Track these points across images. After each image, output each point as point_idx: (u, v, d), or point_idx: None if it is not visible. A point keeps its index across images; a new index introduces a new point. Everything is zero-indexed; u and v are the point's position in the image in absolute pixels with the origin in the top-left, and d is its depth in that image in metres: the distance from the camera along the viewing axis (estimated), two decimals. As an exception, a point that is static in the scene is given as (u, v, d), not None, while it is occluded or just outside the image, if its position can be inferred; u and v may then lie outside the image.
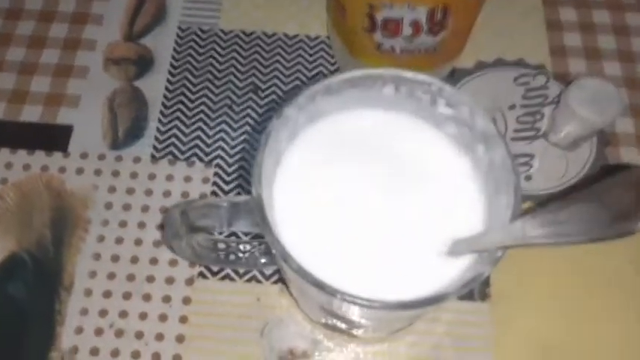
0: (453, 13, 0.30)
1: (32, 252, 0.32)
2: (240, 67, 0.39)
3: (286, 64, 0.39)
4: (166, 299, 0.31)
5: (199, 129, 0.37)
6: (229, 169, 0.35)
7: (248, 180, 0.34)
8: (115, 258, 0.33)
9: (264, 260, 0.29)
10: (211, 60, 0.39)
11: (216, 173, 0.35)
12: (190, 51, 0.40)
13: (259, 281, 0.32)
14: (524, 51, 0.40)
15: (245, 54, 0.40)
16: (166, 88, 0.38)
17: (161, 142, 0.36)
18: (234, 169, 0.35)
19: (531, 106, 0.38)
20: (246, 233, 0.32)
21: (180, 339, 0.31)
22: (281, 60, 0.40)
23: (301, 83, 0.39)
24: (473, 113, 0.23)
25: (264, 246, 0.29)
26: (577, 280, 0.34)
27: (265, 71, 0.39)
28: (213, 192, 0.35)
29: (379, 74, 0.24)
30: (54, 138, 0.36)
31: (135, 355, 0.30)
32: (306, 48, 0.40)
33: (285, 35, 0.41)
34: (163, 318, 0.31)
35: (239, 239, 0.32)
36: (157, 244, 0.33)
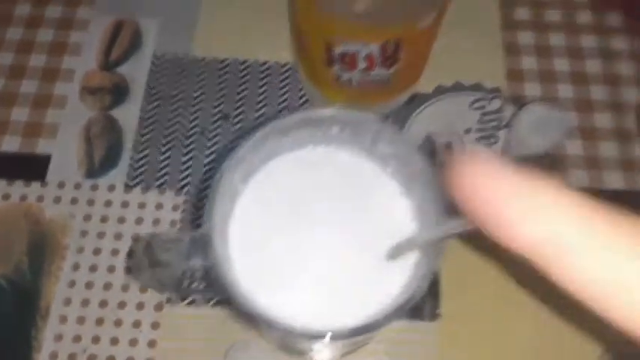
0: (405, 48, 0.32)
1: (10, 278, 0.34)
2: (212, 94, 0.41)
3: (257, 91, 0.41)
4: (136, 324, 0.33)
5: (171, 157, 0.39)
6: (199, 196, 0.37)
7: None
8: (90, 285, 0.34)
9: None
10: (184, 87, 0.41)
11: (186, 200, 0.37)
12: (164, 79, 0.41)
13: (226, 305, 0.34)
14: (481, 74, 0.42)
15: (217, 81, 0.42)
16: (140, 117, 0.40)
17: (135, 170, 0.38)
18: (203, 196, 0.37)
19: (487, 130, 0.40)
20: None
21: (149, 362, 0.33)
22: (252, 87, 0.41)
23: (270, 110, 0.41)
24: (409, 150, 0.25)
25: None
26: (525, 307, 0.35)
27: (236, 98, 0.41)
28: (182, 219, 0.36)
29: (326, 116, 0.26)
30: (33, 168, 0.38)
31: (108, 378, 0.32)
32: (276, 74, 0.42)
33: (256, 62, 0.42)
34: (133, 343, 0.33)
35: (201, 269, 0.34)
36: (129, 271, 0.35)
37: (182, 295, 0.34)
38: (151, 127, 0.40)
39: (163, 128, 0.40)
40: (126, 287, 0.34)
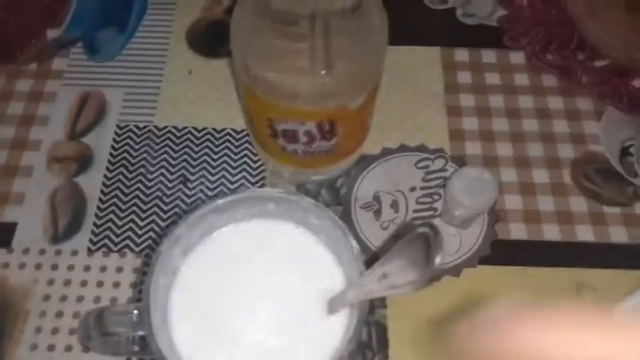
0: (340, 124, 0.35)
1: (-24, 345, 0.36)
2: (171, 161, 0.44)
3: (214, 157, 0.44)
4: (94, 385, 0.35)
5: (132, 221, 0.41)
6: (158, 258, 0.40)
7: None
8: (51, 347, 0.36)
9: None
10: (145, 155, 0.44)
11: (145, 263, 0.39)
12: (127, 147, 0.44)
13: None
14: (426, 135, 0.46)
15: (177, 148, 0.44)
16: (103, 184, 0.42)
17: (97, 235, 0.40)
18: (162, 259, 0.39)
19: (430, 188, 0.43)
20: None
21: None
22: (209, 153, 0.44)
23: (228, 174, 0.43)
24: (334, 223, 0.28)
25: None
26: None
27: (195, 163, 0.44)
28: (142, 281, 0.39)
29: (260, 195, 0.29)
30: (-1, 235, 0.40)
31: None
32: (232, 141, 0.45)
33: (213, 130, 0.45)
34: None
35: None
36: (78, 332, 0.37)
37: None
38: (113, 193, 0.42)
39: (124, 194, 0.42)
40: (87, 349, 0.36)
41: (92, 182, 0.42)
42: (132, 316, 0.27)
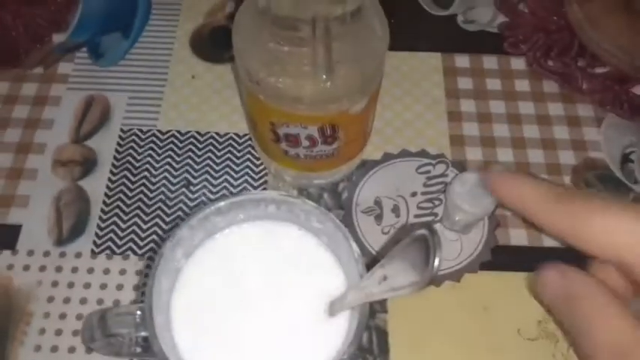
0: (342, 129, 0.35)
1: (-21, 345, 0.36)
2: (174, 165, 0.44)
3: (216, 161, 0.44)
4: (98, 386, 0.35)
5: (135, 224, 0.41)
6: (160, 261, 0.40)
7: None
8: (55, 349, 0.37)
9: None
10: (149, 159, 0.44)
11: (148, 265, 0.40)
12: (130, 151, 0.45)
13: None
14: (427, 141, 0.46)
15: (180, 152, 0.45)
16: (107, 187, 0.43)
17: (100, 238, 0.41)
18: (164, 261, 0.40)
19: (431, 193, 0.43)
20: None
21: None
22: (212, 157, 0.45)
23: (230, 178, 0.44)
24: (335, 226, 0.28)
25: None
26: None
27: (197, 167, 0.44)
28: (144, 283, 0.39)
29: (262, 197, 0.29)
30: (4, 237, 0.40)
31: None
32: (234, 145, 0.45)
33: (216, 134, 0.46)
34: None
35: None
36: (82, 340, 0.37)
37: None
38: (117, 197, 0.42)
39: (127, 197, 0.42)
40: (90, 350, 0.37)
41: (96, 185, 0.43)
42: (135, 318, 0.28)
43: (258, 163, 0.44)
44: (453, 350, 0.37)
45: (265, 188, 0.43)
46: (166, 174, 0.44)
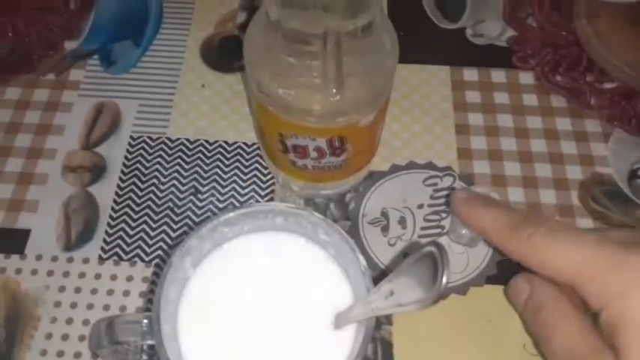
0: (350, 141, 0.35)
1: (-13, 349, 0.36)
2: (183, 172, 0.44)
3: (225, 169, 0.45)
4: (103, 391, 0.35)
5: (142, 231, 0.42)
6: (167, 269, 0.40)
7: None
8: (61, 353, 0.37)
9: None
10: (158, 166, 0.45)
11: (155, 272, 0.40)
12: (140, 158, 0.45)
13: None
14: (434, 153, 0.46)
15: (188, 160, 0.45)
16: (116, 194, 0.43)
17: (108, 244, 0.41)
18: (171, 269, 0.40)
19: (438, 206, 0.43)
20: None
21: None
22: (220, 165, 0.45)
23: (238, 186, 0.44)
24: (342, 238, 0.28)
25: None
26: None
27: (206, 175, 0.44)
28: (151, 290, 0.39)
29: (270, 209, 0.29)
30: (13, 241, 0.41)
31: None
32: (243, 154, 0.46)
33: (225, 143, 0.46)
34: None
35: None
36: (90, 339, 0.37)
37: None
38: (125, 203, 0.43)
39: (136, 204, 0.43)
40: (95, 355, 0.37)
41: (105, 192, 0.43)
42: (142, 326, 0.28)
43: (265, 173, 0.45)
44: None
45: (272, 198, 0.44)
46: (175, 181, 0.44)
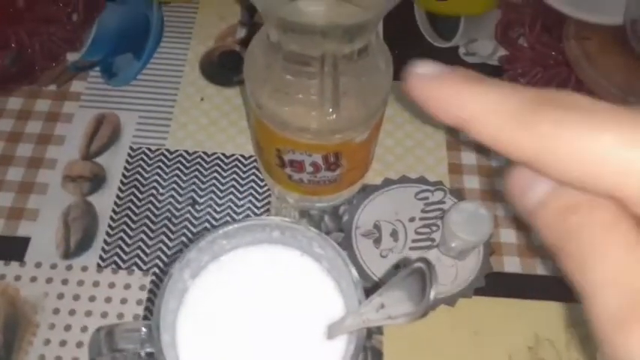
0: (345, 157, 0.37)
1: (-14, 354, 0.37)
2: (181, 184, 0.46)
3: (222, 181, 0.46)
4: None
5: (141, 240, 0.43)
6: (164, 277, 0.41)
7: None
8: (58, 359, 0.38)
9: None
10: (157, 177, 0.46)
11: (152, 281, 0.41)
12: (139, 169, 0.46)
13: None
14: (426, 168, 0.47)
15: (186, 171, 0.46)
16: (115, 203, 0.44)
17: (106, 253, 0.42)
18: (168, 278, 0.41)
19: (429, 219, 0.45)
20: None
21: None
22: (218, 177, 0.46)
23: (235, 198, 0.45)
24: (335, 252, 0.29)
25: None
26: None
27: (203, 187, 0.46)
28: (148, 298, 0.40)
29: (267, 223, 0.30)
30: (12, 249, 0.42)
31: None
32: (240, 166, 0.47)
33: (223, 155, 0.47)
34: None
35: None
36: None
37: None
38: (124, 213, 0.44)
39: (134, 214, 0.44)
40: (92, 363, 0.38)
41: (104, 201, 0.44)
42: (141, 334, 0.29)
43: (262, 185, 0.46)
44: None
45: (269, 209, 0.45)
46: (173, 192, 0.45)
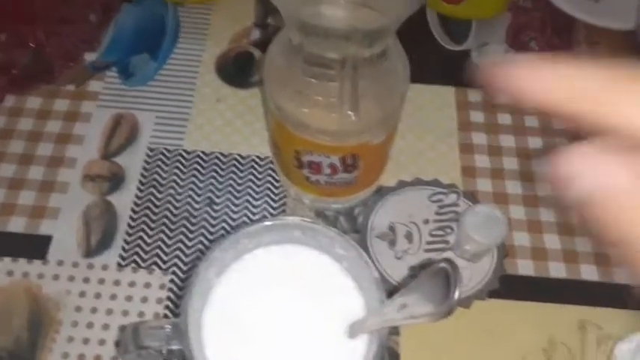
0: (362, 158, 0.37)
1: (10, 350, 0.38)
2: (198, 184, 0.46)
3: (238, 181, 0.47)
4: (122, 395, 0.37)
5: (160, 239, 0.43)
6: (183, 276, 0.42)
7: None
8: (82, 357, 0.38)
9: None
10: (174, 177, 0.46)
11: (171, 280, 0.42)
12: (157, 169, 0.47)
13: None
14: (439, 171, 0.48)
15: (204, 172, 0.47)
16: (134, 203, 0.45)
17: (127, 252, 0.43)
18: (187, 276, 0.42)
19: (443, 221, 0.45)
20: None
21: None
22: (234, 177, 0.47)
23: (251, 198, 0.46)
24: (357, 252, 0.30)
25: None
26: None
27: (220, 187, 0.46)
28: (168, 297, 0.41)
29: (288, 223, 0.31)
30: (35, 247, 0.43)
31: None
32: (256, 167, 0.47)
33: (239, 155, 0.48)
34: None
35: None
36: (118, 344, 0.39)
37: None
38: (143, 212, 0.45)
39: (153, 214, 0.44)
40: (115, 358, 0.38)
41: (123, 201, 0.45)
42: (165, 331, 0.30)
43: (277, 185, 0.46)
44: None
45: (284, 210, 0.45)
46: (191, 192, 0.46)
